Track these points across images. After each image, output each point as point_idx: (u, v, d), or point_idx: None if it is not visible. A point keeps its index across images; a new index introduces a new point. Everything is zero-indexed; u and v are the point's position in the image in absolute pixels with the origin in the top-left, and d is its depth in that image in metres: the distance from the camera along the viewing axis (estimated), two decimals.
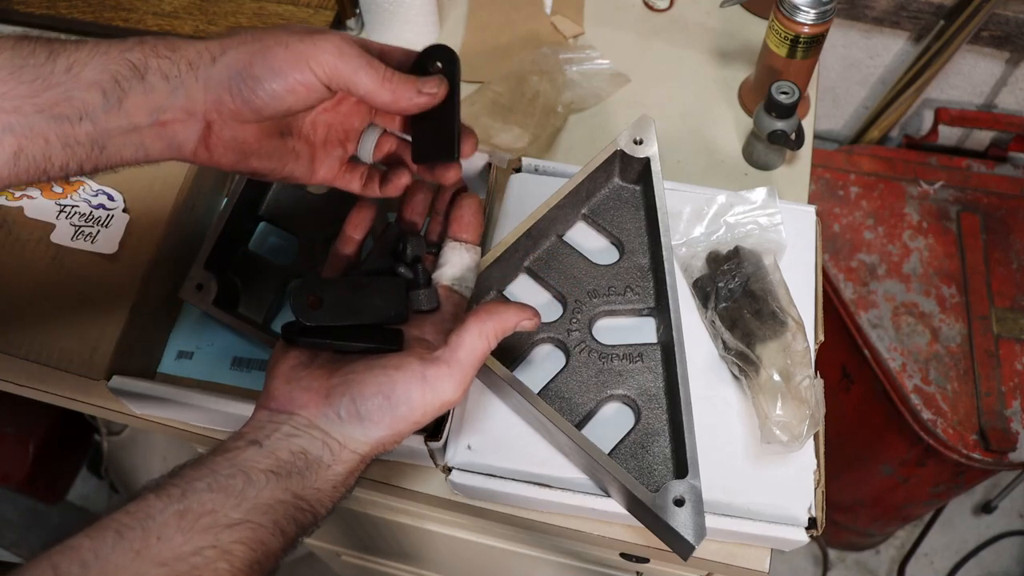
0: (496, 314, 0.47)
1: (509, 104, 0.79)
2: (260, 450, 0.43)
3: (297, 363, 0.47)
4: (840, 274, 1.19)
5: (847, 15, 1.20)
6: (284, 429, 0.44)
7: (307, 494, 0.43)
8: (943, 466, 1.15)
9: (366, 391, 0.45)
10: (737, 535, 0.58)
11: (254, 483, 0.42)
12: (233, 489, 0.41)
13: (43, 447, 1.49)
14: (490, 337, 0.47)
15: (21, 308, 0.64)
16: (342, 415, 0.45)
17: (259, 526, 0.41)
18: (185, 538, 0.39)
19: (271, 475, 0.42)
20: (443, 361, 0.46)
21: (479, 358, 0.47)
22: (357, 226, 0.55)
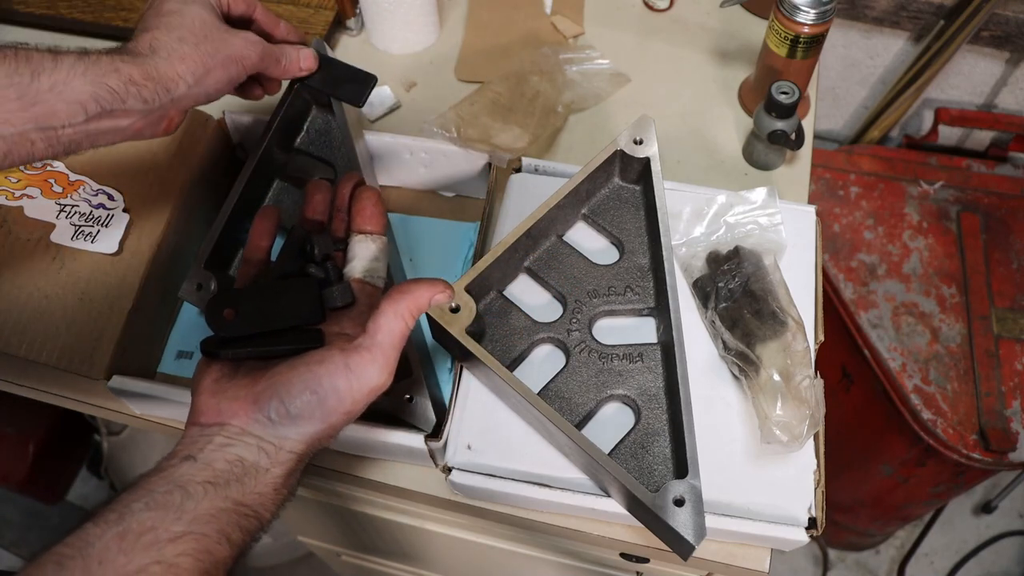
0: (408, 293, 0.48)
1: (509, 104, 0.79)
2: (195, 464, 0.43)
3: (220, 375, 0.47)
4: (840, 274, 1.19)
5: (847, 15, 1.20)
6: (217, 440, 0.44)
7: (248, 500, 0.44)
8: (943, 466, 1.15)
9: (293, 390, 0.45)
10: (737, 535, 0.58)
11: (192, 496, 0.42)
12: (171, 504, 0.41)
13: (43, 447, 1.49)
14: (406, 316, 0.47)
15: (21, 308, 0.64)
16: (273, 417, 0.45)
17: (203, 536, 0.41)
18: (128, 558, 0.39)
19: (208, 486, 0.42)
20: (364, 348, 0.46)
21: (399, 339, 0.47)
22: (263, 233, 0.56)
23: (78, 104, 0.46)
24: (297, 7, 0.92)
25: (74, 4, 0.93)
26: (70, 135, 0.47)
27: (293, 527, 1.16)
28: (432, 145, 0.73)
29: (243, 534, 0.43)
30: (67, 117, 0.46)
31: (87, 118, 0.47)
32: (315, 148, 0.71)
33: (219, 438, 0.45)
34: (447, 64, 0.90)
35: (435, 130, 0.73)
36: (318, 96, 0.71)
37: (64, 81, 0.46)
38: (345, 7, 0.90)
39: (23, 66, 0.45)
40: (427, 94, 0.87)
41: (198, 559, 0.40)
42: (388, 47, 0.90)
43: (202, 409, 0.46)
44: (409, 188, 0.78)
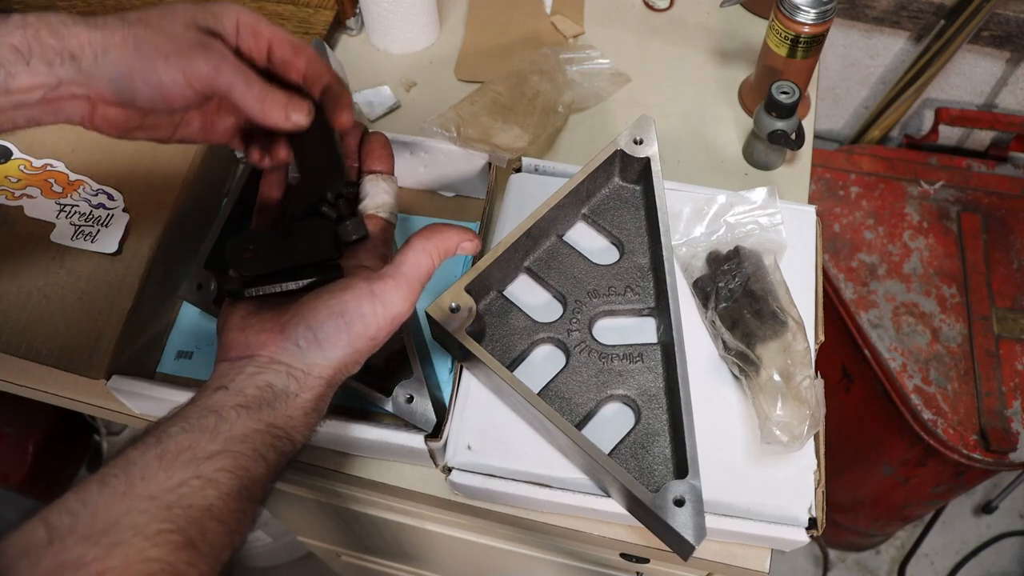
0: (439, 233, 0.49)
1: (509, 104, 0.79)
2: (227, 392, 0.44)
3: (246, 313, 0.48)
4: (840, 274, 1.19)
5: (847, 15, 1.20)
6: (248, 370, 0.45)
7: (280, 422, 0.45)
8: (943, 466, 1.15)
9: (319, 316, 0.46)
10: (737, 535, 0.58)
11: (226, 419, 0.43)
12: (207, 427, 0.42)
13: (43, 447, 1.49)
14: (433, 255, 0.49)
15: (21, 308, 0.64)
16: (301, 344, 0.46)
17: (239, 454, 0.42)
18: (168, 474, 0.40)
19: (241, 409, 0.44)
20: (389, 276, 0.47)
21: (424, 273, 0.48)
22: (272, 184, 0.56)
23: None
24: (297, 7, 0.92)
25: (73, 3, 0.93)
26: None
27: (293, 527, 1.16)
28: (432, 145, 0.73)
29: (277, 454, 0.44)
30: None
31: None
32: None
33: (250, 367, 0.45)
34: (447, 64, 0.90)
35: (435, 130, 0.73)
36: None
37: None
38: (345, 7, 0.90)
39: None
40: (427, 94, 0.87)
41: (235, 474, 0.42)
42: (388, 47, 0.90)
43: (231, 345, 0.47)
44: (409, 188, 0.78)
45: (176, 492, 0.40)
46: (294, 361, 0.46)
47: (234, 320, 0.48)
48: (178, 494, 0.40)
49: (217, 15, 0.48)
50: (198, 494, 0.40)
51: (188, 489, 0.40)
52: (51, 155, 0.69)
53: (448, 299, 0.58)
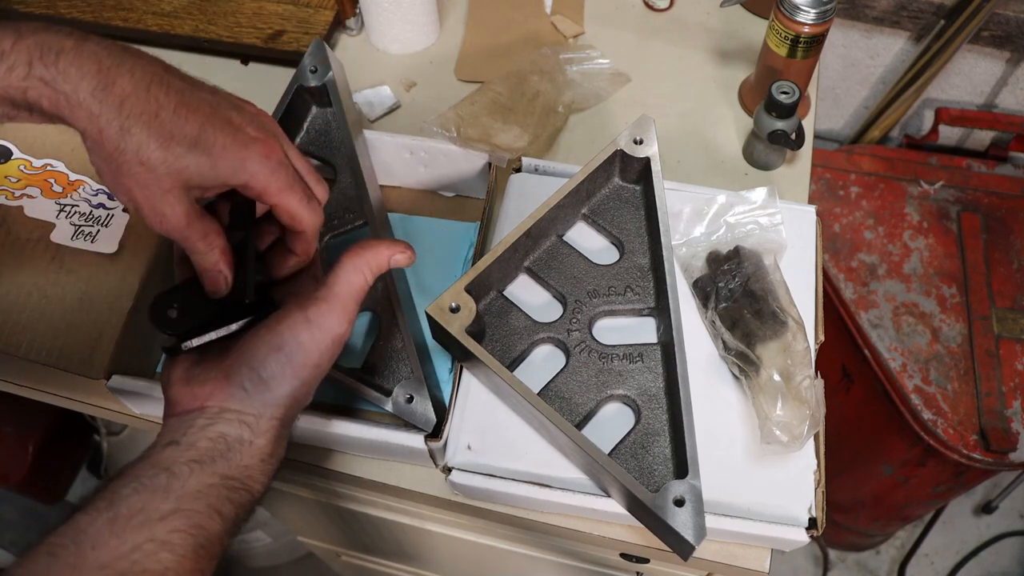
0: (369, 248, 0.48)
1: (509, 104, 0.79)
2: (178, 447, 0.43)
3: (189, 364, 0.47)
4: (840, 274, 1.19)
5: (847, 15, 1.20)
6: (199, 423, 0.44)
7: (235, 473, 0.44)
8: (943, 466, 1.15)
9: (259, 354, 0.45)
10: (737, 535, 0.58)
11: (178, 476, 0.42)
12: (158, 486, 0.41)
13: (43, 447, 1.49)
14: (364, 271, 0.48)
15: (21, 308, 0.64)
16: (247, 387, 0.45)
17: (193, 511, 0.41)
18: (120, 540, 0.39)
19: (194, 464, 0.43)
20: (322, 299, 0.47)
21: (358, 291, 0.48)
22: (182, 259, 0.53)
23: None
24: (297, 7, 0.92)
25: (74, 4, 0.93)
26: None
27: (293, 527, 1.16)
28: (432, 145, 0.73)
29: (234, 507, 0.44)
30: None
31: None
32: (315, 148, 0.71)
33: (200, 420, 0.44)
34: (447, 64, 0.90)
35: (435, 130, 0.73)
36: (318, 96, 0.71)
37: None
38: (345, 7, 0.90)
39: None
40: (427, 94, 0.87)
41: (190, 534, 0.41)
42: (388, 47, 0.90)
43: (177, 400, 0.46)
44: (409, 188, 0.78)
45: (129, 559, 0.39)
46: (244, 407, 0.45)
47: (177, 373, 0.47)
48: (131, 560, 0.39)
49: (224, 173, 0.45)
50: (152, 558, 0.39)
51: (141, 554, 0.39)
52: (51, 155, 0.69)
53: (448, 299, 0.58)
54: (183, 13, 0.92)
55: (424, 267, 0.72)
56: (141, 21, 0.91)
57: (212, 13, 0.92)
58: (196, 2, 0.93)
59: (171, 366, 0.48)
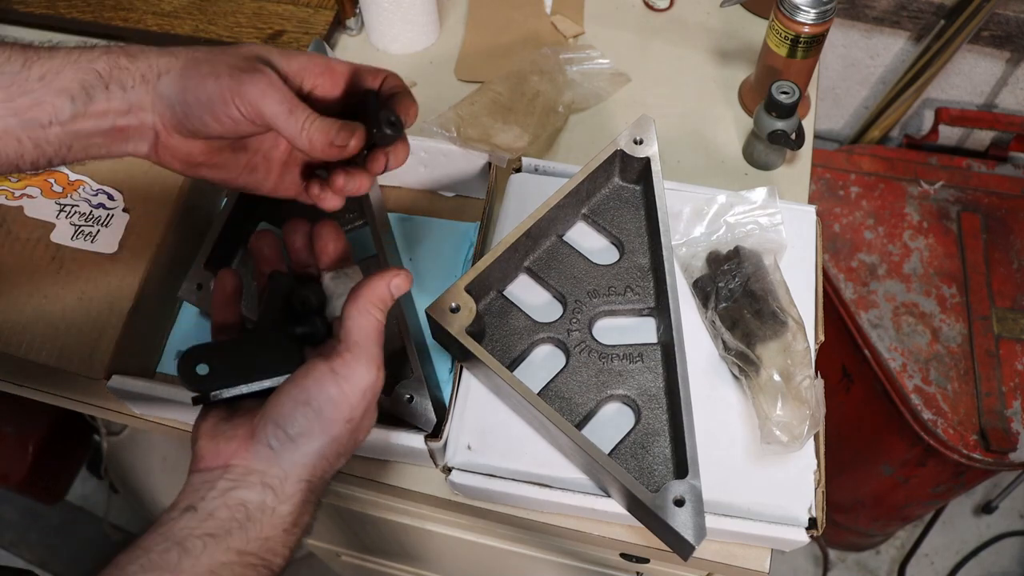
0: (367, 287, 0.47)
1: (509, 104, 0.79)
2: (195, 515, 0.41)
3: (218, 420, 0.46)
4: (840, 274, 1.19)
5: (847, 15, 1.20)
6: (220, 485, 0.42)
7: (253, 547, 0.42)
8: (943, 466, 1.15)
9: (285, 410, 0.44)
10: (737, 535, 0.58)
11: (190, 552, 0.40)
12: (168, 565, 0.39)
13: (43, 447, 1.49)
14: (372, 311, 0.46)
15: (21, 308, 0.64)
16: (273, 445, 0.43)
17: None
18: None
19: (208, 538, 0.40)
20: (343, 350, 0.45)
21: (374, 333, 0.46)
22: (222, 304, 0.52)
23: (65, 93, 0.43)
24: (297, 7, 0.92)
25: (74, 4, 0.93)
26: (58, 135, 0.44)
27: None
28: (432, 145, 0.73)
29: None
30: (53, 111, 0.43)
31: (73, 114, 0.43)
32: None
33: (222, 482, 0.43)
34: (447, 64, 0.90)
35: (435, 130, 0.73)
36: None
37: (56, 70, 0.43)
38: (345, 7, 0.90)
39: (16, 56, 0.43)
40: (427, 94, 0.86)
41: None
42: (388, 47, 0.90)
43: (202, 454, 0.44)
44: (409, 188, 0.78)
45: None
46: (269, 468, 0.43)
47: (205, 427, 0.45)
48: None
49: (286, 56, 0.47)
50: None
51: None
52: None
53: (448, 299, 0.58)
54: (183, 13, 0.92)
55: (424, 267, 0.72)
56: (141, 21, 0.91)
57: (212, 13, 0.92)
58: (196, 2, 0.93)
59: (201, 418, 0.47)
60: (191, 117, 0.44)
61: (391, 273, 0.47)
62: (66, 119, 0.44)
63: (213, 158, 0.48)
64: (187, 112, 0.44)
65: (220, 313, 0.52)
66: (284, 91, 0.45)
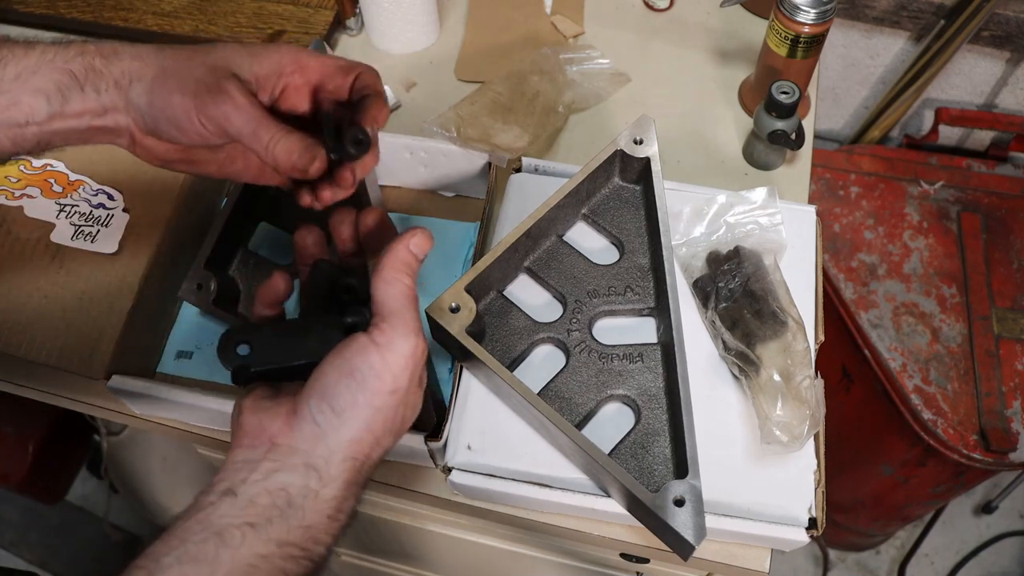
0: (389, 255, 0.46)
1: (509, 104, 0.79)
2: (235, 501, 0.40)
3: (261, 396, 0.45)
4: (840, 274, 1.19)
5: (847, 15, 1.20)
6: (262, 467, 0.41)
7: (294, 536, 0.40)
8: (943, 466, 1.15)
9: (329, 382, 0.43)
10: (737, 535, 0.58)
11: (228, 543, 0.38)
12: (205, 556, 0.38)
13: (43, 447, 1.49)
14: (399, 276, 0.45)
15: (21, 308, 0.64)
16: (318, 420, 0.42)
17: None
18: None
19: (248, 528, 0.39)
20: (379, 321, 0.44)
21: (406, 299, 0.45)
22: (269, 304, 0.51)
23: (40, 93, 0.44)
24: (297, 7, 0.92)
25: (74, 4, 0.93)
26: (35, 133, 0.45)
27: None
28: (432, 145, 0.73)
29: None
30: (29, 111, 0.44)
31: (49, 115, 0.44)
32: None
33: (265, 463, 0.41)
34: (447, 64, 0.90)
35: (435, 130, 0.73)
36: None
37: (32, 69, 0.44)
38: (345, 7, 0.90)
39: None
40: (427, 94, 0.87)
41: None
42: (388, 47, 0.90)
43: (245, 430, 0.43)
44: (409, 188, 0.78)
45: None
46: (314, 447, 0.42)
47: (248, 403, 0.44)
48: None
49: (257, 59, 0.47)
50: None
51: None
52: (51, 155, 0.69)
53: (448, 299, 0.58)
54: (183, 13, 0.92)
55: (424, 267, 0.72)
56: (141, 21, 0.91)
57: (212, 13, 0.92)
58: (196, 2, 0.93)
59: (244, 395, 0.45)
60: (160, 128, 0.46)
61: (408, 235, 0.46)
62: (43, 119, 0.45)
63: (191, 155, 0.49)
64: (156, 123, 0.46)
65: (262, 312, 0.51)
66: (249, 110, 0.45)
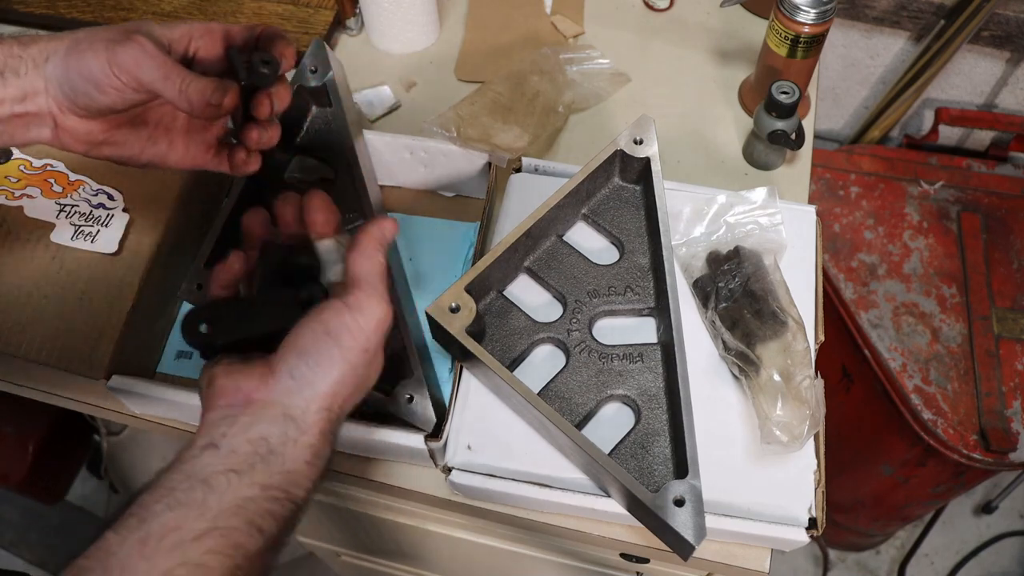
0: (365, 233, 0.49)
1: (509, 104, 0.79)
2: (217, 452, 0.42)
3: (232, 362, 0.46)
4: (840, 274, 1.19)
5: (847, 15, 1.20)
6: (241, 421, 0.43)
7: (276, 481, 0.42)
8: (943, 466, 1.15)
9: (306, 340, 0.45)
10: (737, 535, 0.58)
11: (215, 489, 0.40)
12: (193, 501, 0.39)
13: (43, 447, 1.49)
14: (374, 253, 0.49)
15: (21, 308, 0.64)
16: (295, 375, 0.44)
17: (231, 529, 0.39)
18: (150, 564, 0.37)
19: (232, 475, 0.41)
20: (354, 288, 0.47)
21: (380, 271, 0.48)
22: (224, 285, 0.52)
23: None
24: (297, 7, 0.92)
25: (74, 4, 0.93)
26: None
27: None
28: (432, 145, 0.73)
29: (275, 521, 0.42)
30: None
31: None
32: (315, 148, 0.71)
33: (243, 418, 0.43)
34: (447, 64, 0.90)
35: (435, 130, 0.73)
36: (318, 96, 0.71)
37: None
38: (345, 7, 0.90)
39: None
40: (427, 94, 0.87)
41: (227, 555, 0.39)
42: (388, 47, 0.90)
43: (220, 391, 0.44)
44: (409, 188, 0.78)
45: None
46: (292, 399, 0.44)
47: (219, 369, 0.46)
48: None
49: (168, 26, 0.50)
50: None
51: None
52: (51, 155, 0.69)
53: (448, 299, 0.58)
54: (183, 13, 0.92)
55: (424, 267, 0.72)
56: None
57: (212, 13, 0.92)
58: (196, 2, 0.93)
59: (210, 366, 0.47)
60: (78, 93, 0.47)
61: (380, 219, 0.50)
62: None
63: (114, 135, 0.51)
64: (74, 89, 0.47)
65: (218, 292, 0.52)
66: (158, 56, 0.47)
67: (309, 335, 0.45)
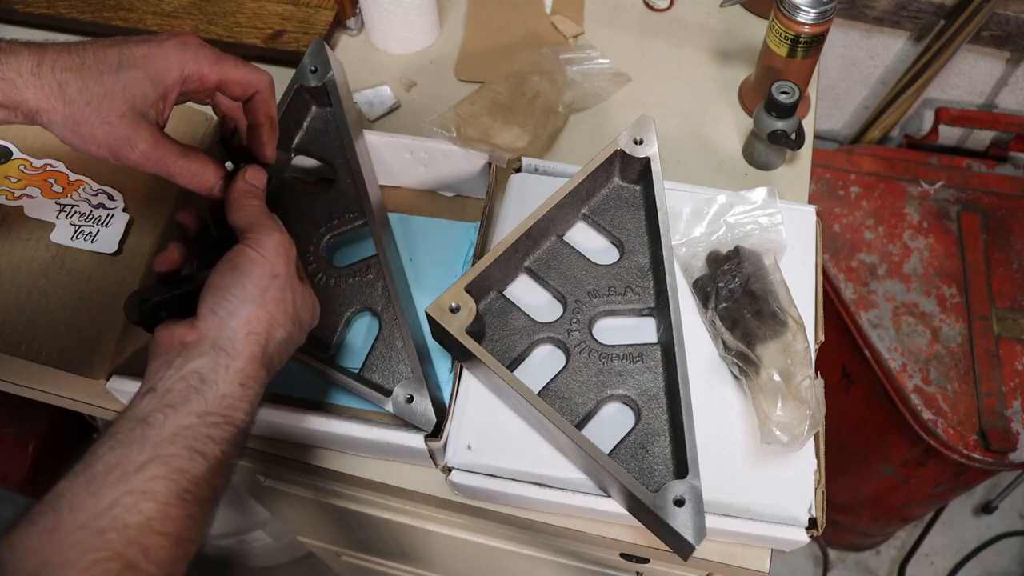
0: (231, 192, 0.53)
1: (509, 104, 0.79)
2: (154, 394, 0.44)
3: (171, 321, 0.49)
4: (840, 274, 1.19)
5: (847, 15, 1.20)
6: (176, 363, 0.45)
7: (213, 407, 0.44)
8: (943, 466, 1.15)
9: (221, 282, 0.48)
10: (737, 535, 0.58)
11: (153, 425, 0.42)
12: (134, 439, 0.42)
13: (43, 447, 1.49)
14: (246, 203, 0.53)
15: (21, 308, 0.64)
16: (217, 310, 0.47)
17: (171, 456, 0.41)
18: (97, 498, 0.39)
19: (168, 409, 0.43)
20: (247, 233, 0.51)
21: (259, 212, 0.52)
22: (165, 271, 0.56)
23: None
24: (297, 7, 0.92)
25: (73, 3, 0.93)
26: None
27: (293, 527, 1.16)
28: (432, 145, 0.73)
29: (217, 444, 0.44)
30: None
31: None
32: (314, 148, 0.71)
33: (177, 360, 0.46)
34: (447, 64, 0.90)
35: (435, 130, 0.73)
36: (318, 96, 0.71)
37: None
38: (345, 7, 0.90)
39: None
40: (427, 94, 0.87)
41: (171, 480, 0.41)
42: (388, 47, 0.90)
43: (160, 345, 0.48)
44: (409, 188, 0.78)
45: (108, 515, 0.38)
46: (220, 332, 0.46)
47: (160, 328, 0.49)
48: (110, 516, 0.38)
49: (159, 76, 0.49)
50: (132, 511, 0.39)
51: (120, 509, 0.39)
52: (51, 155, 0.69)
53: (448, 299, 0.58)
54: (183, 13, 0.92)
55: (424, 267, 0.72)
56: (141, 21, 0.91)
57: (212, 13, 0.92)
58: (196, 2, 0.93)
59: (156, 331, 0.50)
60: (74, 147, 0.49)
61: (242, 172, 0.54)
62: None
63: None
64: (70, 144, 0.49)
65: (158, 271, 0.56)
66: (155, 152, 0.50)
67: (220, 275, 0.48)
